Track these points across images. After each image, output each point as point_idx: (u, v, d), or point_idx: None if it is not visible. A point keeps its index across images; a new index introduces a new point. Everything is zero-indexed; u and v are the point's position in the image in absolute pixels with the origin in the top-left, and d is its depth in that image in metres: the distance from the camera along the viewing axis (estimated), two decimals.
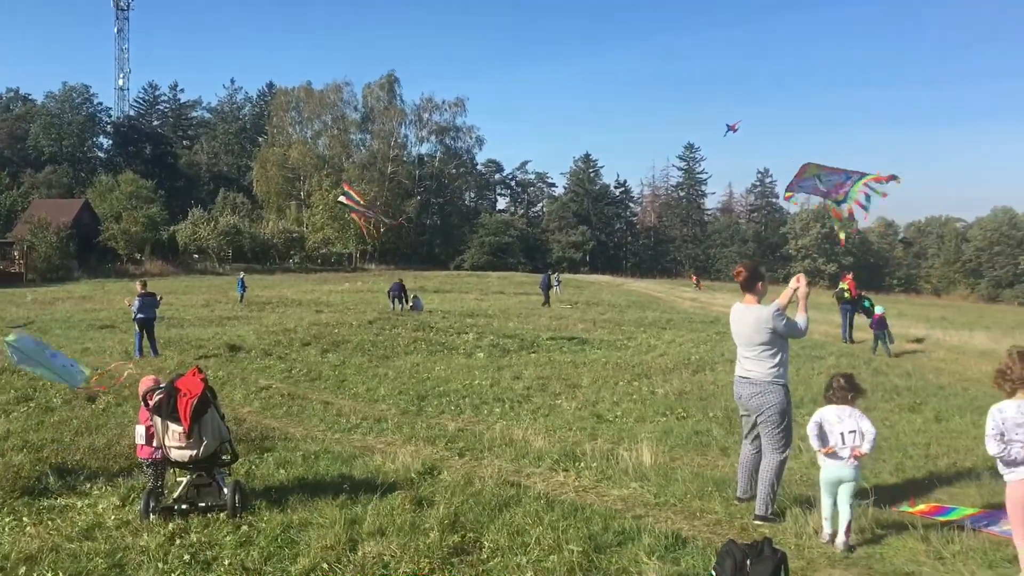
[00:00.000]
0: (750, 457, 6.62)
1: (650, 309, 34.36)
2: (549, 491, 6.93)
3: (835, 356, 18.19)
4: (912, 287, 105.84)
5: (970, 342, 24.23)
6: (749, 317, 6.41)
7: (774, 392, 6.32)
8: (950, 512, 6.39)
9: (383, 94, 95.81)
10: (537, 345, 18.45)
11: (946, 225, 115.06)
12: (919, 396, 12.56)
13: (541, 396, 12.02)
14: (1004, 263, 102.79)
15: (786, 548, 5.52)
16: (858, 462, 5.85)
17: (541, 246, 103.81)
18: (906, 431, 9.92)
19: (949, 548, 5.55)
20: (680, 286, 65.99)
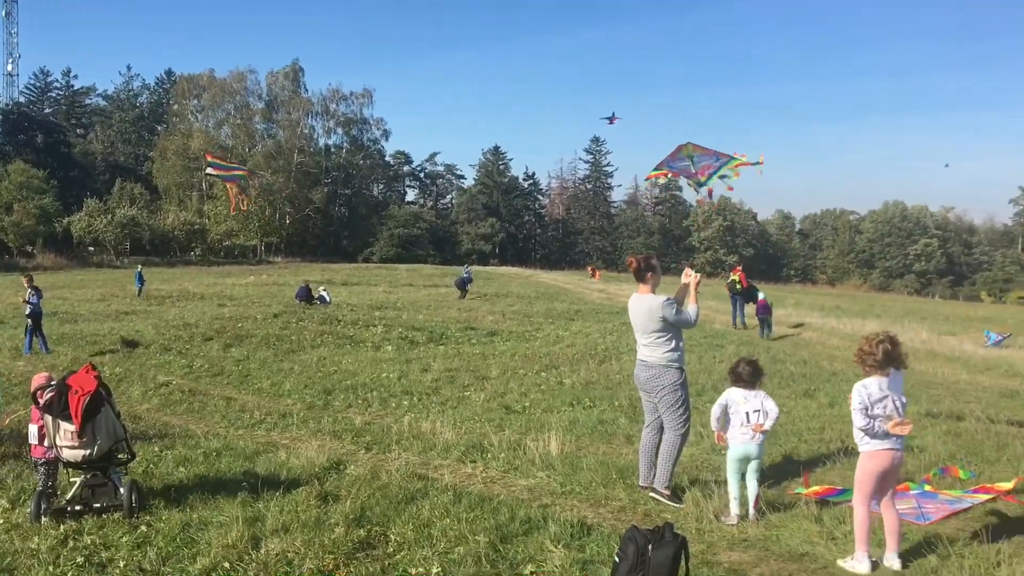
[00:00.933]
0: (650, 443, 6.80)
1: (558, 300, 34.67)
2: (457, 483, 6.93)
3: (735, 344, 18.71)
4: (808, 277, 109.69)
5: (862, 330, 25.15)
6: (643, 306, 6.65)
7: (670, 374, 6.60)
8: (842, 494, 6.65)
9: (288, 83, 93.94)
10: (446, 337, 18.42)
11: (840, 218, 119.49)
12: (814, 383, 13.03)
13: (450, 388, 12.01)
14: (895, 254, 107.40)
15: (687, 532, 5.68)
16: (763, 438, 6.16)
17: (450, 238, 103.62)
18: (801, 416, 10.27)
19: (841, 528, 5.77)
20: (587, 278, 66.76)
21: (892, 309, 42.05)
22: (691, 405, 6.92)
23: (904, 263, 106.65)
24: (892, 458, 5.24)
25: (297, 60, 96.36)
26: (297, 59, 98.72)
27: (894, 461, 5.27)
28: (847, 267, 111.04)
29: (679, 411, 6.60)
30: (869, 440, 5.26)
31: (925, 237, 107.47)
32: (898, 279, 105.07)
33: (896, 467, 5.34)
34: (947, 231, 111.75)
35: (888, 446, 5.22)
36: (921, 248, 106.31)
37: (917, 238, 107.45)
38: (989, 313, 46.06)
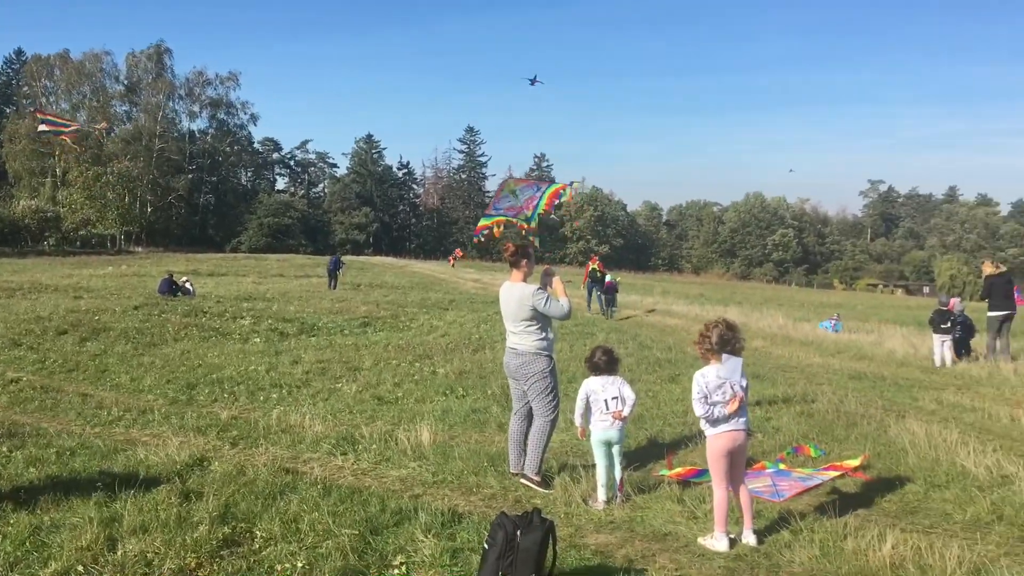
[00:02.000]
0: (518, 430, 6.89)
1: (433, 290, 34.59)
2: (327, 476, 6.83)
3: (605, 332, 19.15)
4: (675, 266, 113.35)
5: (724, 316, 26.20)
6: (514, 294, 6.73)
7: (539, 361, 6.69)
8: (703, 474, 6.91)
9: (151, 65, 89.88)
10: (318, 329, 18.09)
11: (704, 209, 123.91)
12: (679, 368, 13.47)
13: (321, 380, 11.81)
14: (755, 243, 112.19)
15: (556, 516, 5.79)
16: (623, 423, 6.35)
17: (323, 228, 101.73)
18: (667, 400, 10.61)
19: (702, 508, 6.00)
20: (463, 268, 66.84)
21: (752, 297, 43.97)
22: (560, 392, 7.05)
23: (763, 252, 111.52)
24: (734, 439, 5.46)
25: (162, 41, 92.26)
26: (162, 40, 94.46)
27: (736, 441, 5.47)
28: (711, 256, 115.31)
29: (548, 398, 6.71)
30: (714, 427, 5.49)
31: (782, 228, 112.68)
32: (758, 267, 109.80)
33: (741, 447, 5.55)
34: (803, 222, 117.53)
35: (729, 428, 5.46)
36: (779, 238, 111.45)
37: (775, 228, 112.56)
38: (841, 299, 48.81)
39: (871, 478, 7.06)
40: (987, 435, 8.95)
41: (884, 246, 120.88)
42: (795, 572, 4.95)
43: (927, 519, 5.99)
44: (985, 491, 6.58)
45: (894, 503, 6.39)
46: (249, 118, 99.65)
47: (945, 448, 7.83)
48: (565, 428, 8.16)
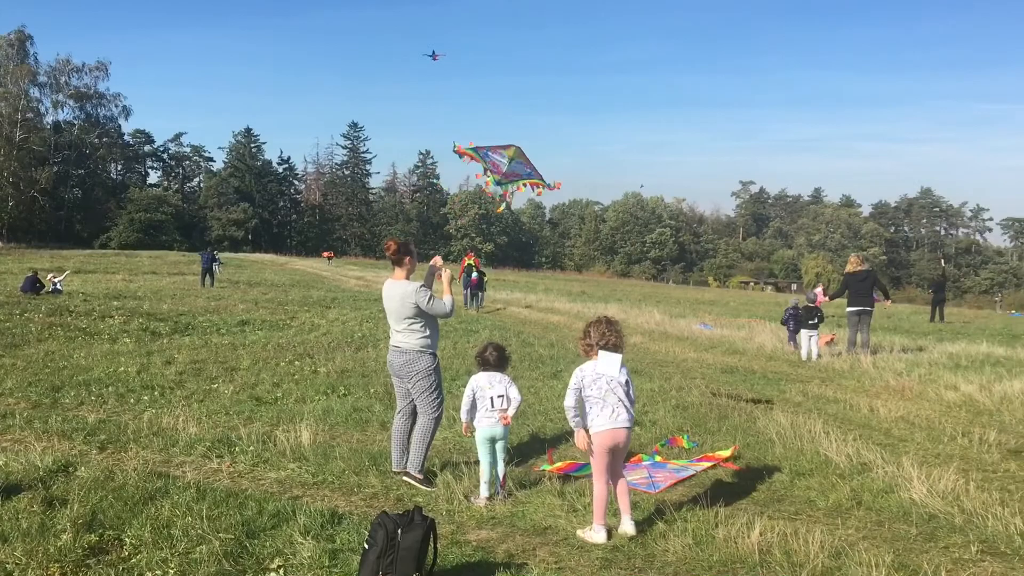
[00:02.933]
0: (402, 429, 6.87)
1: (315, 288, 34.01)
2: (201, 480, 6.62)
3: (489, 330, 19.26)
4: (558, 264, 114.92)
5: (605, 313, 26.76)
6: (397, 292, 6.70)
7: (423, 359, 6.68)
8: (582, 468, 7.05)
9: (12, 51, 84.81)
10: (192, 328, 17.51)
11: (586, 208, 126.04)
12: (560, 364, 13.68)
13: (196, 381, 11.43)
14: (634, 242, 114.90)
15: (438, 514, 5.80)
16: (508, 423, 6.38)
17: (199, 224, 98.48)
18: (548, 396, 10.76)
19: (581, 500, 6.12)
20: (346, 265, 65.98)
21: (632, 294, 45.02)
22: (444, 390, 7.06)
23: (642, 250, 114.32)
24: (615, 436, 5.54)
25: (24, 27, 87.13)
26: (24, 26, 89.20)
27: (616, 439, 5.55)
28: (593, 254, 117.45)
29: (432, 396, 6.70)
30: (593, 420, 5.56)
31: (660, 226, 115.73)
32: (637, 265, 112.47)
33: (622, 444, 5.63)
34: (679, 221, 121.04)
35: (612, 425, 5.53)
36: (657, 237, 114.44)
37: (653, 227, 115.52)
38: (715, 296, 50.48)
39: (741, 468, 7.35)
40: (848, 425, 9.45)
41: (755, 245, 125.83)
42: (669, 561, 5.11)
43: (792, 506, 6.28)
44: (846, 478, 6.96)
45: (762, 491, 6.67)
46: (121, 111, 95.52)
47: (809, 438, 8.23)
48: (448, 426, 8.18)
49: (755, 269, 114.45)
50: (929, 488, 6.46)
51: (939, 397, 11.44)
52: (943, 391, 11.73)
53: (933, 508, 6.14)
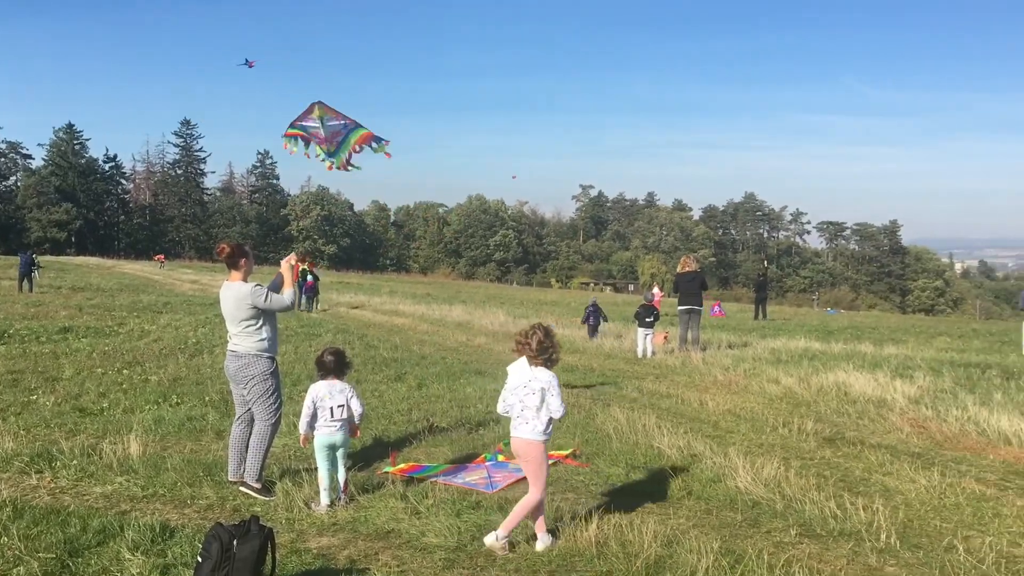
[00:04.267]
0: (239, 437, 6.66)
1: (145, 292, 32.40)
2: (18, 497, 6.19)
3: (332, 332, 18.95)
4: (403, 267, 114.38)
5: (449, 315, 26.90)
6: (232, 293, 6.52)
7: (260, 363, 6.52)
8: (425, 470, 7.06)
9: None
10: (8, 336, 16.31)
11: (430, 210, 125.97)
12: (404, 366, 13.64)
13: (12, 393, 10.66)
14: (478, 244, 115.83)
15: (277, 523, 5.67)
16: (346, 426, 6.33)
17: (16, 225, 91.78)
18: (392, 399, 10.70)
19: (424, 503, 6.12)
20: (180, 268, 63.23)
21: (476, 295, 45.35)
22: (285, 396, 6.89)
23: (486, 252, 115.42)
24: (514, 445, 5.49)
25: None
26: None
27: (515, 447, 5.47)
28: (438, 256, 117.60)
29: (270, 401, 6.54)
30: (545, 431, 5.37)
31: (503, 229, 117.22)
32: (482, 267, 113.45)
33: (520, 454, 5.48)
34: (522, 223, 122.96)
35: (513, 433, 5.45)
36: (500, 239, 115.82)
37: (497, 230, 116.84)
38: (557, 297, 51.58)
39: (581, 464, 7.56)
40: (680, 419, 9.89)
41: (595, 247, 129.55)
42: (510, 558, 5.19)
43: (628, 499, 6.51)
44: (677, 469, 7.28)
45: (600, 485, 6.89)
46: None
47: (644, 432, 8.56)
48: (288, 432, 7.98)
49: (595, 270, 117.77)
50: (753, 476, 6.85)
51: (762, 390, 12.14)
52: (766, 384, 12.46)
53: (757, 495, 6.51)
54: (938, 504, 6.57)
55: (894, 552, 5.42)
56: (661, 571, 4.96)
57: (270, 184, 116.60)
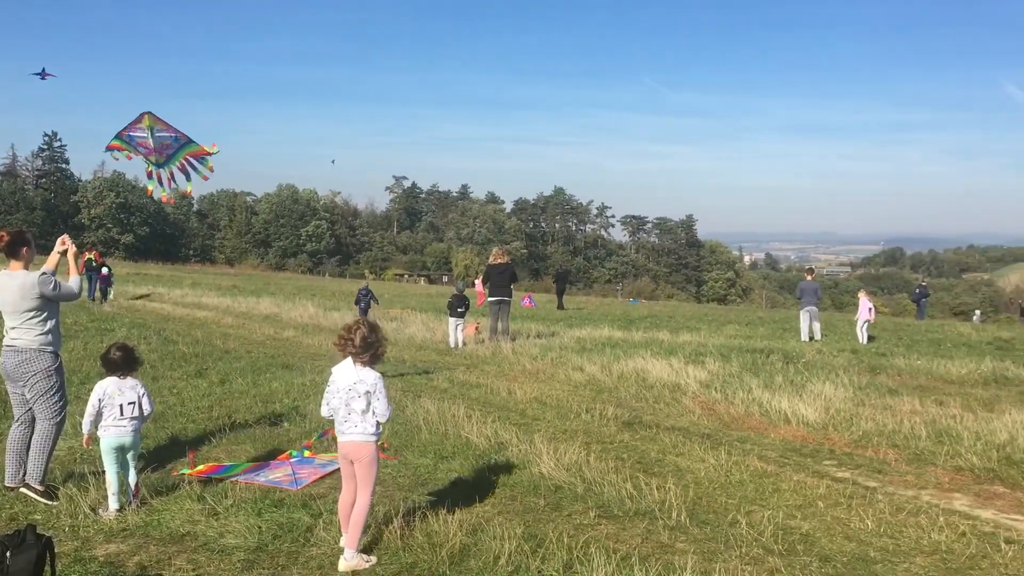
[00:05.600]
0: (18, 439, 6.17)
1: None
2: None
3: (127, 327, 17.89)
4: (208, 258, 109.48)
5: (257, 308, 26.05)
6: (14, 284, 6.03)
7: (43, 358, 6.09)
8: (226, 469, 6.80)
9: None
10: None
11: (237, 198, 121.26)
12: (206, 362, 13.07)
13: None
14: (288, 234, 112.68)
15: (60, 530, 5.30)
16: (138, 426, 6.02)
17: None
18: (192, 396, 10.22)
19: (223, 503, 5.89)
20: None
21: (286, 287, 44.13)
22: (71, 395, 6.43)
23: (297, 243, 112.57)
24: (341, 448, 5.25)
25: None
26: None
27: (343, 451, 5.23)
28: (245, 247, 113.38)
29: (54, 399, 6.10)
30: (375, 431, 5.18)
31: (315, 219, 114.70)
32: (292, 258, 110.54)
33: (347, 456, 5.22)
34: (335, 214, 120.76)
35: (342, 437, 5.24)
36: (312, 229, 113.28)
37: (309, 220, 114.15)
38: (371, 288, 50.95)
39: (390, 456, 7.52)
40: (489, 408, 10.05)
41: (409, 238, 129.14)
42: (314, 556, 5.09)
43: (435, 489, 6.55)
44: (484, 458, 7.41)
45: (408, 477, 6.88)
46: None
47: (453, 423, 8.63)
48: (74, 435, 7.46)
49: (409, 262, 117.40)
50: (556, 462, 7.07)
51: (568, 378, 12.55)
52: (571, 372, 12.89)
53: (559, 480, 6.72)
54: (725, 482, 7.03)
55: (684, 529, 5.75)
56: (465, 559, 5.02)
57: (59, 169, 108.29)
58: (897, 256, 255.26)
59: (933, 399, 11.27)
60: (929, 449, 8.31)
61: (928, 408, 10.47)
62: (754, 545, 5.47)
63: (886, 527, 5.93)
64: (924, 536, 5.74)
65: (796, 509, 6.34)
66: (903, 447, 8.47)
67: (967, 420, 9.44)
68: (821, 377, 12.48)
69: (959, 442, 8.42)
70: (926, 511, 6.33)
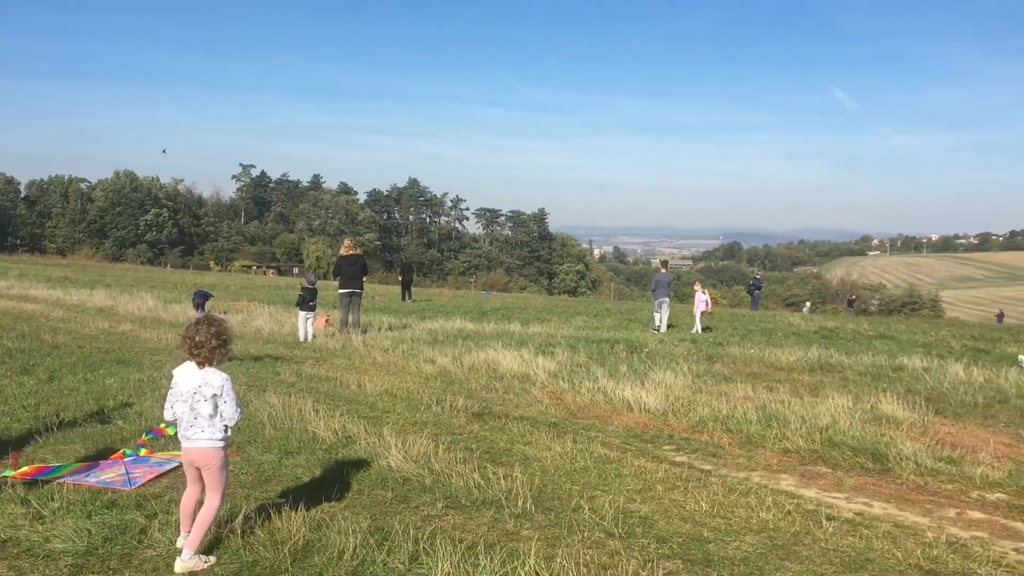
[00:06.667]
0: None
1: None
2: None
3: None
4: (37, 247, 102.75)
5: (90, 300, 24.70)
6: None
7: None
8: (53, 470, 6.42)
9: None
10: None
11: (70, 185, 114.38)
12: (33, 357, 12.27)
13: None
14: (126, 223, 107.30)
15: None
16: None
17: None
18: (16, 394, 9.58)
19: (49, 506, 5.56)
20: None
21: (123, 279, 41.96)
22: None
23: (136, 233, 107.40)
24: (185, 454, 5.04)
25: None
26: None
27: (187, 457, 5.02)
28: (79, 237, 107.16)
29: None
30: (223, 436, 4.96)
31: (156, 208, 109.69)
32: (131, 248, 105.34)
33: (192, 462, 5.01)
34: (177, 203, 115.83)
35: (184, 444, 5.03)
36: (153, 218, 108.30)
37: (149, 208, 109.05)
38: (216, 280, 49.20)
39: (232, 453, 7.29)
40: (338, 401, 9.91)
41: (257, 228, 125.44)
42: (148, 557, 4.88)
43: (280, 485, 6.40)
44: (331, 452, 7.31)
45: (251, 475, 6.69)
46: None
47: (299, 417, 8.46)
48: None
49: (258, 253, 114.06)
50: (404, 454, 7.06)
51: (419, 370, 12.54)
52: (423, 364, 12.89)
53: (407, 472, 6.72)
54: (569, 469, 7.22)
55: (529, 516, 5.87)
56: (309, 555, 4.94)
57: None
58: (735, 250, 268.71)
59: (764, 385, 11.94)
60: (759, 433, 8.80)
61: (759, 394, 11.09)
62: (596, 529, 5.64)
63: (719, 508, 6.25)
64: (753, 515, 6.09)
65: (636, 493, 6.58)
66: (736, 431, 8.93)
67: (794, 405, 10.05)
68: (663, 366, 13.00)
69: (787, 426, 8.95)
70: (756, 492, 6.70)
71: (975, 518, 6.39)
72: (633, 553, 5.21)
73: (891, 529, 5.93)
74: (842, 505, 6.59)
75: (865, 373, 13.71)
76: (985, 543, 5.74)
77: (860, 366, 14.38)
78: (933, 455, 7.98)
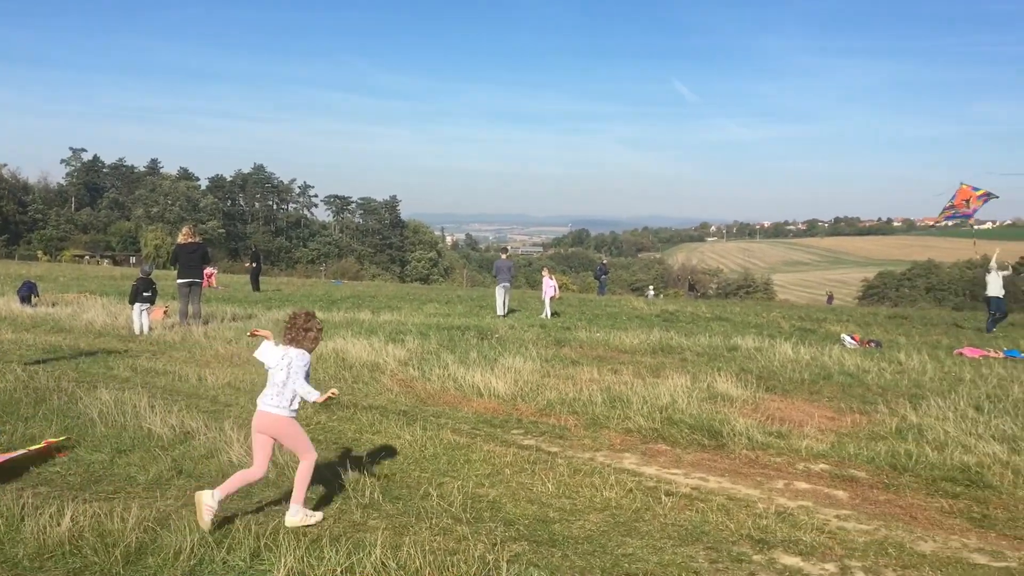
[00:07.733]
0: None
1: None
2: None
3: None
4: None
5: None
6: None
7: None
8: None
9: None
10: None
11: None
12: None
13: None
14: None
15: None
16: None
17: None
18: None
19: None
20: None
21: None
22: None
23: None
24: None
25: None
26: None
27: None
28: None
29: None
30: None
31: None
32: None
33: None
34: (2, 188, 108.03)
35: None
36: None
37: None
38: (44, 271, 46.15)
39: (62, 454, 6.86)
40: (176, 396, 9.50)
41: (90, 216, 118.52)
42: None
43: (111, 485, 6.08)
44: (168, 449, 6.99)
45: (79, 475, 6.33)
46: None
47: (133, 414, 8.06)
48: None
49: (91, 241, 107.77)
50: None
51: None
52: None
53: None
54: (419, 456, 7.19)
55: (377, 506, 5.81)
56: (143, 557, 4.71)
57: None
58: (583, 237, 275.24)
59: (609, 368, 12.29)
60: (604, 414, 9.05)
61: (604, 376, 11.40)
62: (444, 516, 5.65)
63: (564, 488, 6.38)
64: (597, 494, 6.25)
65: (485, 478, 6.63)
66: (582, 413, 9.14)
67: (637, 386, 10.39)
68: (512, 351, 13.15)
69: (629, 406, 9.24)
70: (600, 471, 6.88)
71: (801, 488, 6.79)
72: (480, 537, 5.25)
73: (725, 502, 6.23)
74: (680, 481, 6.86)
75: (703, 354, 14.31)
76: (810, 511, 6.12)
77: (698, 347, 15.00)
78: (763, 430, 8.42)
